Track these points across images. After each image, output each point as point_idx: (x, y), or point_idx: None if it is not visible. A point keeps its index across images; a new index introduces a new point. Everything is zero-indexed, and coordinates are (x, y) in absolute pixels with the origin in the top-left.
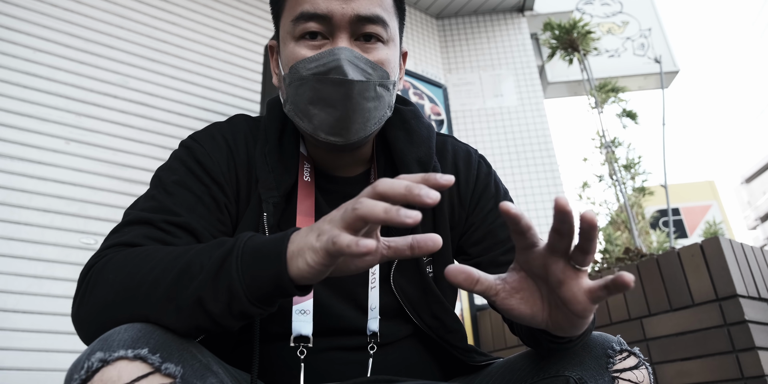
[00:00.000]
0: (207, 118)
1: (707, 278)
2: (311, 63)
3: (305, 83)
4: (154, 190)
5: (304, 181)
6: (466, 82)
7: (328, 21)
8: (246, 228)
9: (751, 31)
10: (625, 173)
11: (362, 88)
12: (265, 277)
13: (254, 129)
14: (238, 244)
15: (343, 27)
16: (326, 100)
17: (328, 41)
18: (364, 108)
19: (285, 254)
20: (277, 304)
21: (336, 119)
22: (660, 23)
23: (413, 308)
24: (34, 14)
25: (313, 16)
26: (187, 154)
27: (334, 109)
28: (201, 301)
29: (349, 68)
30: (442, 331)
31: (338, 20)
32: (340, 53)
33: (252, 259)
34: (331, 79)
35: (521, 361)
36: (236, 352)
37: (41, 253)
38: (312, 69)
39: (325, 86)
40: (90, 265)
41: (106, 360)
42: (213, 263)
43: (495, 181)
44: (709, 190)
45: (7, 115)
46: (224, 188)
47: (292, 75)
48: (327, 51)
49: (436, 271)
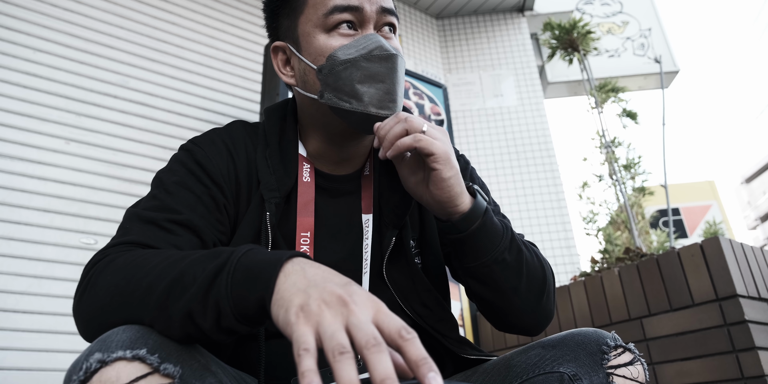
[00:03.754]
0: (207, 118)
1: (707, 278)
2: (350, 49)
3: (352, 65)
4: (155, 191)
5: (303, 182)
6: (466, 82)
7: (360, 12)
8: (247, 228)
9: (751, 31)
10: (625, 173)
11: (401, 62)
12: (251, 299)
13: (252, 134)
14: (232, 259)
15: (371, 18)
16: (375, 76)
17: (358, 32)
18: (402, 81)
19: (275, 279)
20: (265, 323)
21: (385, 92)
22: (660, 23)
23: (404, 298)
24: (34, 14)
25: (347, 8)
26: (188, 156)
27: (383, 83)
28: (191, 314)
29: (389, 46)
30: (432, 320)
31: (368, 11)
32: (375, 37)
33: (242, 278)
34: (379, 56)
35: (516, 358)
36: (235, 351)
37: (41, 253)
38: (353, 54)
39: (373, 64)
40: (93, 263)
41: (104, 361)
42: (205, 277)
43: (471, 176)
44: (709, 190)
45: (7, 115)
46: (223, 189)
47: (332, 62)
48: (361, 37)
49: (424, 261)
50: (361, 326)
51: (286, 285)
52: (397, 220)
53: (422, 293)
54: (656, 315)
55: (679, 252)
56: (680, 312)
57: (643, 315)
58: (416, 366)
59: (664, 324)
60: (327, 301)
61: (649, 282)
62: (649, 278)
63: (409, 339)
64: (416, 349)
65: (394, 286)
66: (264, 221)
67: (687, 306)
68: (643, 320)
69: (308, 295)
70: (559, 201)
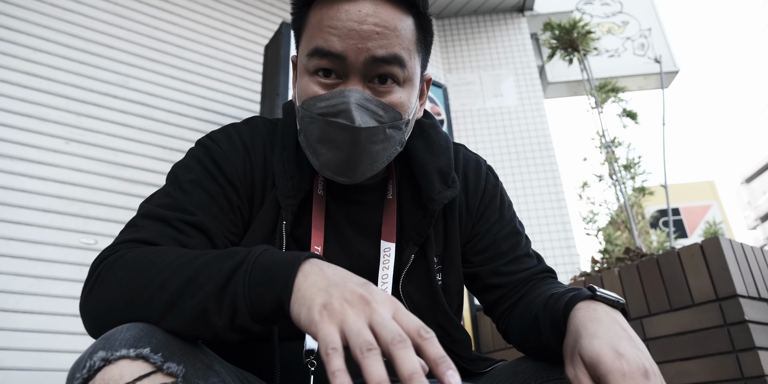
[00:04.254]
0: (207, 118)
1: (707, 278)
2: (321, 102)
3: (314, 122)
4: (169, 187)
5: (317, 195)
6: (466, 82)
7: (342, 60)
8: (259, 230)
9: (751, 31)
10: (625, 173)
11: (370, 134)
12: (269, 297)
13: (272, 133)
14: (249, 259)
15: (357, 68)
16: (333, 142)
17: (341, 81)
18: (371, 151)
19: (294, 278)
20: (278, 322)
21: (342, 161)
22: (660, 23)
23: (419, 316)
24: (34, 14)
25: (327, 54)
26: (205, 153)
27: (340, 151)
28: (205, 312)
29: (357, 113)
30: (446, 341)
31: (352, 61)
32: (351, 96)
33: (260, 277)
34: (338, 124)
35: (525, 364)
36: (239, 350)
37: (41, 253)
38: (321, 109)
39: (333, 129)
40: (102, 258)
41: (108, 359)
42: (222, 275)
43: (501, 193)
44: (709, 190)
45: (7, 115)
46: (239, 190)
47: (303, 110)
48: (337, 92)
49: (445, 278)
50: (385, 324)
51: (306, 284)
52: (417, 237)
53: (438, 314)
54: (656, 315)
55: (679, 252)
56: (680, 312)
57: (643, 315)
58: (435, 364)
59: (664, 324)
60: (349, 300)
61: (649, 282)
62: (649, 278)
63: (428, 338)
64: (435, 348)
65: (409, 302)
66: (279, 229)
67: (687, 306)
68: (643, 320)
69: (330, 293)
70: (559, 201)
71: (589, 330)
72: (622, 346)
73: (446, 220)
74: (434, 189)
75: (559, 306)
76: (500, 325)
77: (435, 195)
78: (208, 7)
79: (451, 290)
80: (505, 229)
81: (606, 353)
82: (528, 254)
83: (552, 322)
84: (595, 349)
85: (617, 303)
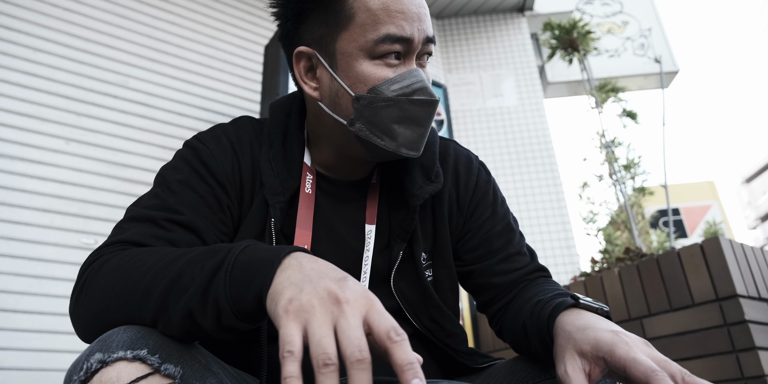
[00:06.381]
0: (207, 118)
1: (707, 278)
2: (394, 84)
3: (393, 104)
4: (157, 189)
5: (305, 193)
6: (466, 82)
7: (410, 43)
8: (249, 229)
9: (751, 31)
10: (625, 173)
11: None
12: (250, 295)
13: (259, 132)
14: (230, 257)
15: (416, 49)
16: (414, 119)
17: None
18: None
19: (273, 274)
20: (264, 319)
21: (420, 135)
22: (660, 23)
23: (413, 312)
24: (34, 14)
25: (400, 39)
26: (192, 154)
27: (419, 126)
28: (191, 314)
29: (432, 90)
30: (441, 335)
31: (416, 43)
32: (420, 74)
33: (241, 275)
34: (422, 101)
35: (523, 362)
36: (237, 351)
37: (41, 253)
38: (398, 90)
39: (415, 107)
40: (88, 264)
41: (105, 361)
42: (204, 276)
43: (494, 189)
44: (709, 190)
45: (7, 115)
46: (227, 190)
47: (374, 96)
48: (407, 72)
49: (436, 274)
50: (349, 333)
51: (280, 279)
52: (404, 234)
53: (431, 309)
54: (656, 315)
55: (679, 252)
56: (680, 312)
57: (643, 315)
58: (401, 370)
59: (664, 324)
60: (320, 298)
61: (649, 282)
62: (649, 278)
63: (397, 341)
64: (403, 352)
65: (401, 298)
66: (268, 227)
67: (687, 306)
68: (643, 320)
69: (300, 289)
70: (559, 201)
71: (578, 327)
72: (615, 328)
73: (435, 216)
74: (415, 184)
75: (544, 316)
76: (494, 325)
77: (415, 190)
78: (208, 7)
79: (443, 286)
80: (498, 225)
81: (603, 334)
82: (520, 252)
83: (538, 331)
84: (591, 336)
85: (600, 310)
